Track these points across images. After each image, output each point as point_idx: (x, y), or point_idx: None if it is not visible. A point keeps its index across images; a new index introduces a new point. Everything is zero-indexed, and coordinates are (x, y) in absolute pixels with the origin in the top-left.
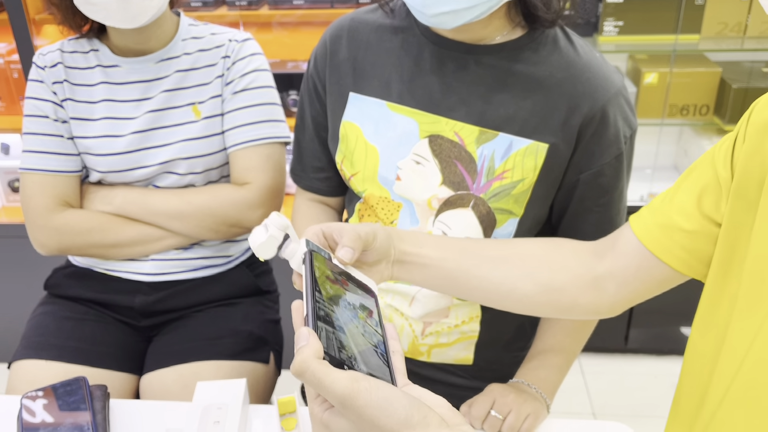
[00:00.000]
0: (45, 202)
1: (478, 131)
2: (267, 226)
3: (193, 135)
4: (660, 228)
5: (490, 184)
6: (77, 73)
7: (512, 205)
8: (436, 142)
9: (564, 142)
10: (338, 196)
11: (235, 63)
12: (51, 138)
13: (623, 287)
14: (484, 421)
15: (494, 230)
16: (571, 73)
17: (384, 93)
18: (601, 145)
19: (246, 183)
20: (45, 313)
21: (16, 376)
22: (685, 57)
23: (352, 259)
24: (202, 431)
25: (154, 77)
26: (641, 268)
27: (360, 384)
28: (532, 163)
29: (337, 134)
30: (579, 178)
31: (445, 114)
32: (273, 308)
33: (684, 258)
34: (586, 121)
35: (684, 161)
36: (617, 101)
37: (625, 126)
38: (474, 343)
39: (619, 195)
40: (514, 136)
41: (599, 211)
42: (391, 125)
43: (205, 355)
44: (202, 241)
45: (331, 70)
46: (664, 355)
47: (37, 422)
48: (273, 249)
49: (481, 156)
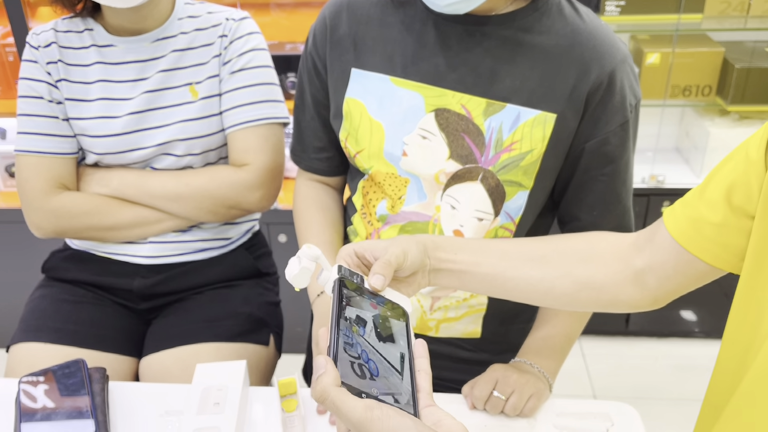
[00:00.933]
0: (41, 184)
1: (485, 103)
2: (300, 258)
3: (191, 116)
4: (689, 221)
5: (498, 156)
6: (72, 53)
7: (521, 177)
8: (442, 116)
9: (571, 110)
10: (339, 176)
11: (232, 42)
12: (46, 119)
13: (665, 281)
14: (487, 402)
15: (504, 203)
16: (578, 40)
17: (387, 68)
18: (606, 112)
19: (245, 164)
20: (43, 296)
21: (14, 360)
22: (688, 37)
23: (383, 286)
24: (202, 413)
25: (150, 57)
26: (679, 262)
27: (373, 413)
28: (540, 134)
29: (340, 112)
30: (584, 147)
31: (452, 87)
32: (273, 290)
33: (715, 251)
34: (593, 88)
35: (685, 143)
36: (623, 68)
37: (631, 94)
38: (482, 316)
39: (624, 166)
40: (522, 106)
41: (604, 181)
42: (396, 100)
43: (205, 337)
44: (201, 224)
45: (332, 46)
46: (664, 337)
47: (36, 407)
48: (307, 279)
49: (489, 128)
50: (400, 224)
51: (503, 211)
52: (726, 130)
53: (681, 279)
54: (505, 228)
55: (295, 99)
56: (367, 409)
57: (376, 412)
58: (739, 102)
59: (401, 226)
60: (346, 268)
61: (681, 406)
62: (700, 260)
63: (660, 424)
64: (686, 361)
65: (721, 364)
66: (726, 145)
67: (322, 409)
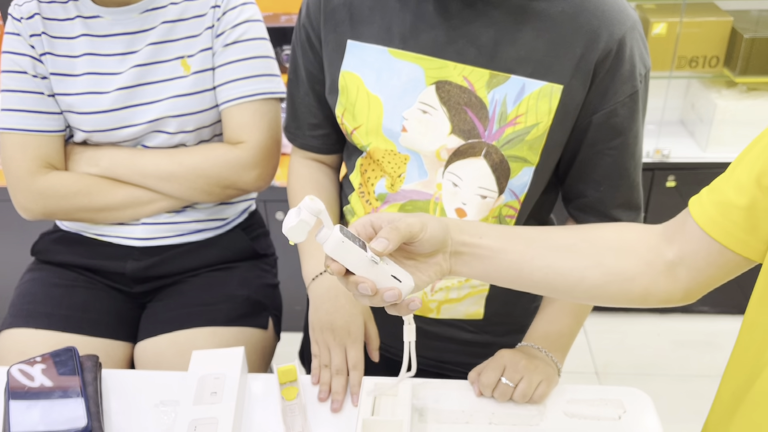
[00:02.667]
0: (27, 164)
1: (488, 74)
2: (300, 209)
3: (183, 91)
4: (716, 206)
5: (502, 130)
6: (56, 25)
7: (527, 152)
8: (443, 89)
9: (579, 81)
10: (336, 154)
11: (225, 13)
12: (30, 95)
13: (697, 273)
14: (495, 389)
15: (509, 180)
16: (585, 6)
17: (385, 39)
18: (615, 82)
19: (240, 142)
20: (33, 279)
21: (4, 346)
22: (695, 6)
23: (385, 249)
24: (199, 403)
25: (138, 29)
26: (711, 253)
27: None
28: (546, 107)
29: (336, 86)
30: (591, 120)
31: (453, 58)
32: (271, 272)
33: (743, 238)
34: (602, 56)
35: (691, 116)
36: (633, 35)
37: (641, 63)
38: (484, 296)
39: (633, 139)
40: (527, 78)
41: (612, 155)
42: (395, 73)
43: (201, 322)
44: (195, 204)
45: (326, 17)
46: (666, 313)
47: (27, 387)
48: (303, 233)
49: (492, 101)
50: (400, 203)
51: (508, 189)
52: (733, 102)
53: (713, 271)
54: (510, 206)
55: (289, 73)
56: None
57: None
58: (747, 73)
59: (401, 205)
60: (348, 230)
61: (683, 382)
62: (727, 249)
63: (662, 400)
64: (688, 337)
65: (740, 348)
66: (734, 118)
67: (323, 396)
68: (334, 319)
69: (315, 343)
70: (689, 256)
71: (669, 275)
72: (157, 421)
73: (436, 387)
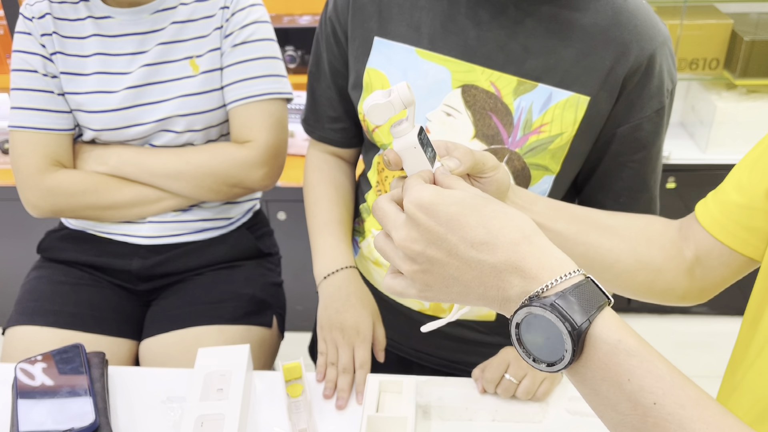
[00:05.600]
0: (36, 161)
1: (516, 81)
2: (391, 92)
3: (191, 90)
4: (718, 206)
5: (526, 138)
6: (67, 25)
7: (548, 161)
8: (469, 93)
9: (606, 93)
10: (354, 148)
11: (234, 14)
12: (40, 94)
13: (709, 272)
14: (498, 385)
15: (528, 187)
16: (618, 19)
17: (413, 38)
18: (642, 97)
19: (247, 141)
20: (39, 277)
21: (10, 343)
22: (696, 9)
23: (456, 168)
24: (205, 399)
25: (149, 29)
26: (722, 254)
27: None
28: (571, 117)
29: (360, 82)
30: (616, 132)
31: (481, 63)
32: (275, 271)
33: (743, 236)
34: (631, 70)
35: (691, 117)
36: (663, 51)
37: (669, 79)
38: None
39: (656, 153)
40: (554, 87)
41: (633, 167)
42: (421, 73)
43: (206, 320)
44: (202, 203)
45: (354, 12)
46: (665, 314)
47: (33, 385)
48: (385, 116)
49: (518, 108)
50: None
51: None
52: (733, 104)
53: (723, 270)
54: None
55: (310, 66)
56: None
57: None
58: (747, 75)
59: None
60: (426, 135)
61: None
62: (729, 248)
63: None
64: (687, 338)
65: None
66: (733, 120)
67: (329, 393)
68: (344, 318)
69: (323, 341)
70: (703, 255)
71: (688, 272)
72: (164, 417)
73: (439, 384)
